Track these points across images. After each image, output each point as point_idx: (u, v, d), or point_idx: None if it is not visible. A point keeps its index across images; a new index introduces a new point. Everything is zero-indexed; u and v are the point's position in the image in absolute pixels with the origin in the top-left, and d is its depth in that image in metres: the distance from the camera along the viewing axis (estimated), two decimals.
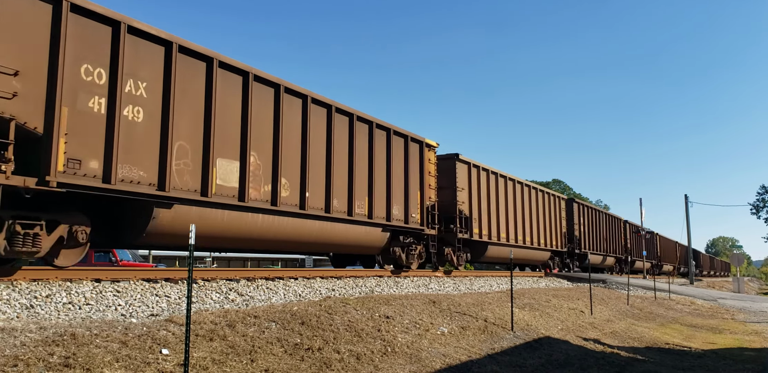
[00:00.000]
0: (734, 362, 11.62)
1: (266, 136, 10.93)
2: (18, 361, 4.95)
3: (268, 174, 10.90)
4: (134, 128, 8.52)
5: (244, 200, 10.20)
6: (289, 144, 11.43)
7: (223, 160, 9.94)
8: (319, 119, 12.34)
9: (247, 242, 10.90)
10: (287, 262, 53.12)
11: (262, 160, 10.77)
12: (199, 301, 8.62)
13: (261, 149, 10.75)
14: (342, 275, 13.42)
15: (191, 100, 9.47)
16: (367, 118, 13.85)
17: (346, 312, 9.09)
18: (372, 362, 7.65)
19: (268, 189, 10.88)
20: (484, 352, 9.55)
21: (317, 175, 12.15)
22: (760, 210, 50.51)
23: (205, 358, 6.15)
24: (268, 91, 11.04)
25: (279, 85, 11.21)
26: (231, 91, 10.20)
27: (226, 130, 10.04)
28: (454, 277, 18.03)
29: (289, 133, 11.45)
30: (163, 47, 9.01)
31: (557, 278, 25.21)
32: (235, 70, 10.29)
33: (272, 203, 10.90)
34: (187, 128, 9.34)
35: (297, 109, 11.74)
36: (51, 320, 6.47)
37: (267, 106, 10.98)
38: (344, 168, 13.00)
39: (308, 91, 12.01)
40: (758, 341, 15.42)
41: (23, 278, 7.75)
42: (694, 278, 46.83)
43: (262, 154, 10.79)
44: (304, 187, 11.68)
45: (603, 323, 15.53)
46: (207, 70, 9.75)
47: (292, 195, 11.43)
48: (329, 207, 12.31)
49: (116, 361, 5.44)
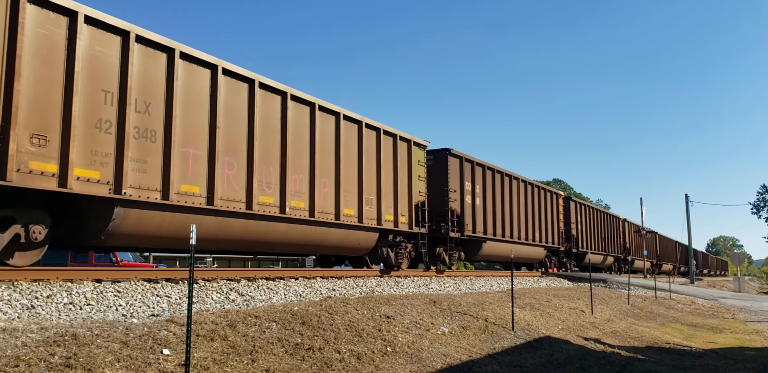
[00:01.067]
0: (735, 362, 11.62)
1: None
2: (19, 361, 4.95)
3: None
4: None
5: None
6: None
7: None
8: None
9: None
10: (288, 262, 53.11)
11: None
12: (199, 301, 8.63)
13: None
14: (343, 275, 13.43)
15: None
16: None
17: (346, 312, 9.10)
18: (373, 362, 7.66)
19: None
20: (485, 352, 9.56)
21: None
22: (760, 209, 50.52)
23: (206, 358, 6.16)
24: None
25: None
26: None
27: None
28: (455, 277, 18.00)
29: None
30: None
31: (558, 277, 25.21)
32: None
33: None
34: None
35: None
36: (52, 320, 6.48)
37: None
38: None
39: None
40: (759, 340, 15.43)
41: (24, 279, 7.75)
42: (694, 277, 46.82)
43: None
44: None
45: (603, 322, 15.54)
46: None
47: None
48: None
49: (117, 361, 5.44)
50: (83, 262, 19.01)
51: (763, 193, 50.23)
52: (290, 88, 11.75)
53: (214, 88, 10.06)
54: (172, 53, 9.36)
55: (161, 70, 9.23)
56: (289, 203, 11.49)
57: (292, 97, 11.76)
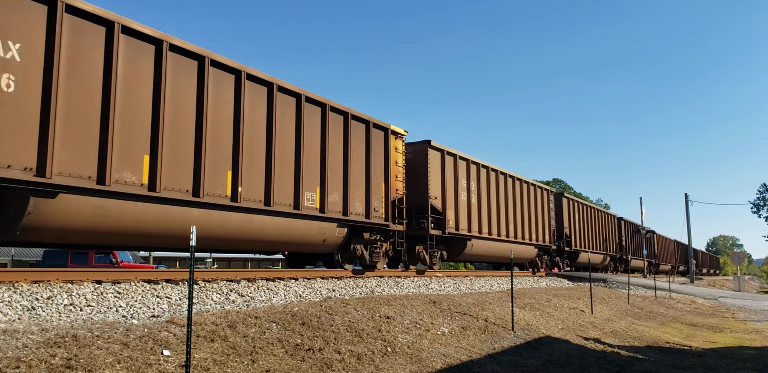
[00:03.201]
0: (735, 361, 11.63)
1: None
2: (20, 362, 4.97)
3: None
4: None
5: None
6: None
7: None
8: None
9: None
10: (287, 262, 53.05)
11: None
12: (199, 302, 8.64)
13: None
14: (342, 276, 13.44)
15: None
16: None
17: (346, 313, 9.11)
18: (373, 363, 7.67)
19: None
20: (485, 352, 9.57)
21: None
22: (760, 209, 50.51)
23: (207, 359, 6.17)
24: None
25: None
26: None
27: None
28: (455, 277, 18.01)
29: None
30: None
31: (557, 277, 25.20)
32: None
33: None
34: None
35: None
36: (52, 321, 6.49)
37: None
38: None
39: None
40: (759, 339, 15.43)
41: (24, 280, 7.77)
42: (694, 276, 46.83)
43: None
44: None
45: (603, 322, 15.55)
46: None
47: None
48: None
49: (118, 362, 5.46)
50: (83, 263, 19.04)
51: (763, 192, 50.26)
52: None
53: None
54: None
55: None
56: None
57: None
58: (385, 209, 14.38)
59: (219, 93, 10.13)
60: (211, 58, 9.90)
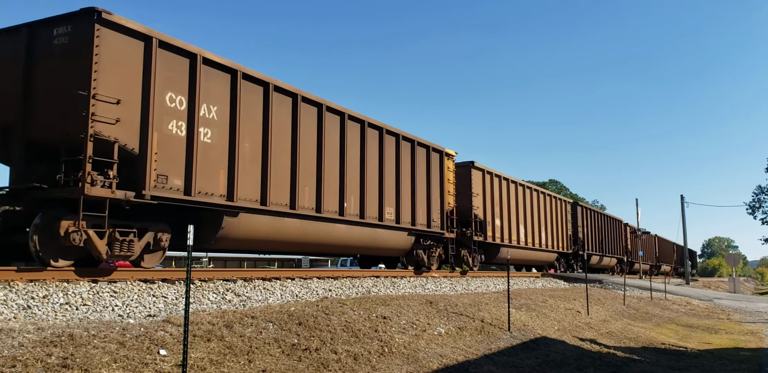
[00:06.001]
0: (730, 362, 11.66)
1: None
2: (16, 362, 4.95)
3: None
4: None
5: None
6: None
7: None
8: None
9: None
10: (284, 262, 53.05)
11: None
12: (196, 301, 8.63)
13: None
14: (339, 276, 13.42)
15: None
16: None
17: (343, 313, 9.11)
18: (369, 363, 7.66)
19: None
20: (481, 352, 9.57)
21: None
22: (756, 210, 50.56)
23: (203, 358, 6.16)
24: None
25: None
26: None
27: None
28: (451, 277, 18.04)
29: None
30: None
31: (554, 278, 25.24)
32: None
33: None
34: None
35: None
36: (48, 320, 6.47)
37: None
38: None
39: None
40: (754, 341, 15.48)
41: (20, 279, 7.74)
42: (690, 278, 46.95)
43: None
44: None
45: (599, 323, 15.58)
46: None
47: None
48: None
49: (114, 362, 5.44)
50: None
51: (758, 193, 50.26)
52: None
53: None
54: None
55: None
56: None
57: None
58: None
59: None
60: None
